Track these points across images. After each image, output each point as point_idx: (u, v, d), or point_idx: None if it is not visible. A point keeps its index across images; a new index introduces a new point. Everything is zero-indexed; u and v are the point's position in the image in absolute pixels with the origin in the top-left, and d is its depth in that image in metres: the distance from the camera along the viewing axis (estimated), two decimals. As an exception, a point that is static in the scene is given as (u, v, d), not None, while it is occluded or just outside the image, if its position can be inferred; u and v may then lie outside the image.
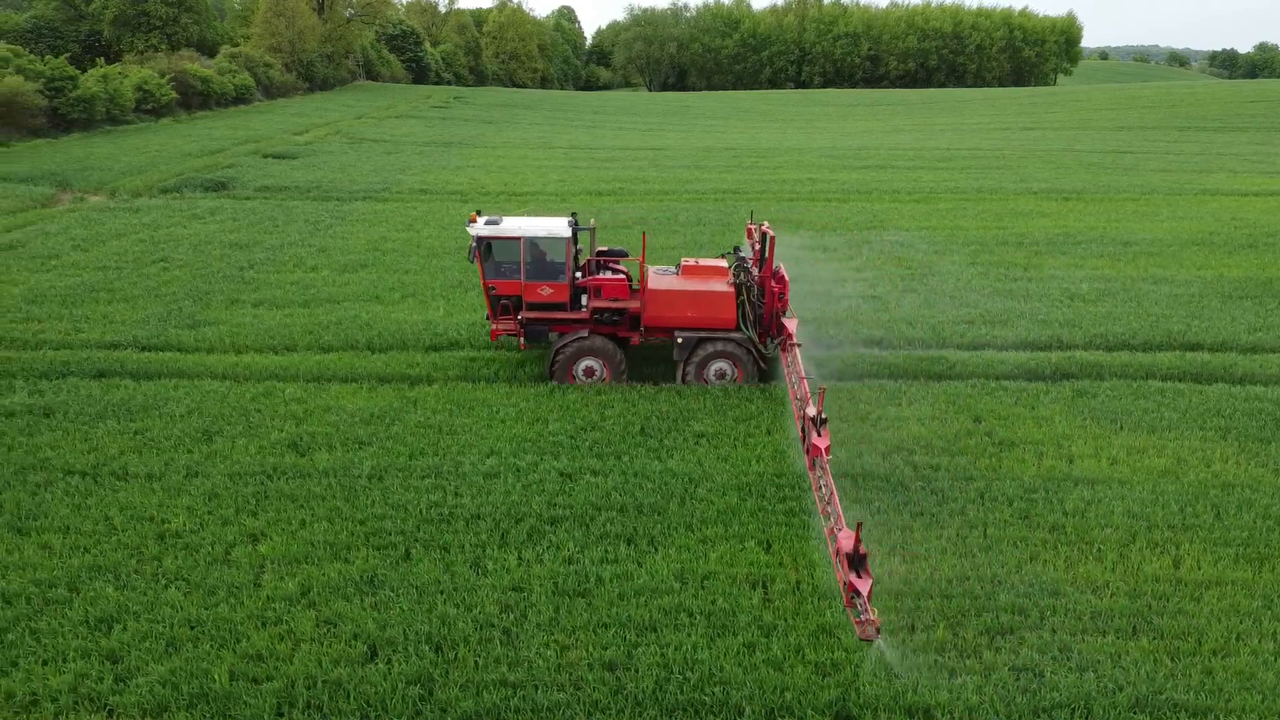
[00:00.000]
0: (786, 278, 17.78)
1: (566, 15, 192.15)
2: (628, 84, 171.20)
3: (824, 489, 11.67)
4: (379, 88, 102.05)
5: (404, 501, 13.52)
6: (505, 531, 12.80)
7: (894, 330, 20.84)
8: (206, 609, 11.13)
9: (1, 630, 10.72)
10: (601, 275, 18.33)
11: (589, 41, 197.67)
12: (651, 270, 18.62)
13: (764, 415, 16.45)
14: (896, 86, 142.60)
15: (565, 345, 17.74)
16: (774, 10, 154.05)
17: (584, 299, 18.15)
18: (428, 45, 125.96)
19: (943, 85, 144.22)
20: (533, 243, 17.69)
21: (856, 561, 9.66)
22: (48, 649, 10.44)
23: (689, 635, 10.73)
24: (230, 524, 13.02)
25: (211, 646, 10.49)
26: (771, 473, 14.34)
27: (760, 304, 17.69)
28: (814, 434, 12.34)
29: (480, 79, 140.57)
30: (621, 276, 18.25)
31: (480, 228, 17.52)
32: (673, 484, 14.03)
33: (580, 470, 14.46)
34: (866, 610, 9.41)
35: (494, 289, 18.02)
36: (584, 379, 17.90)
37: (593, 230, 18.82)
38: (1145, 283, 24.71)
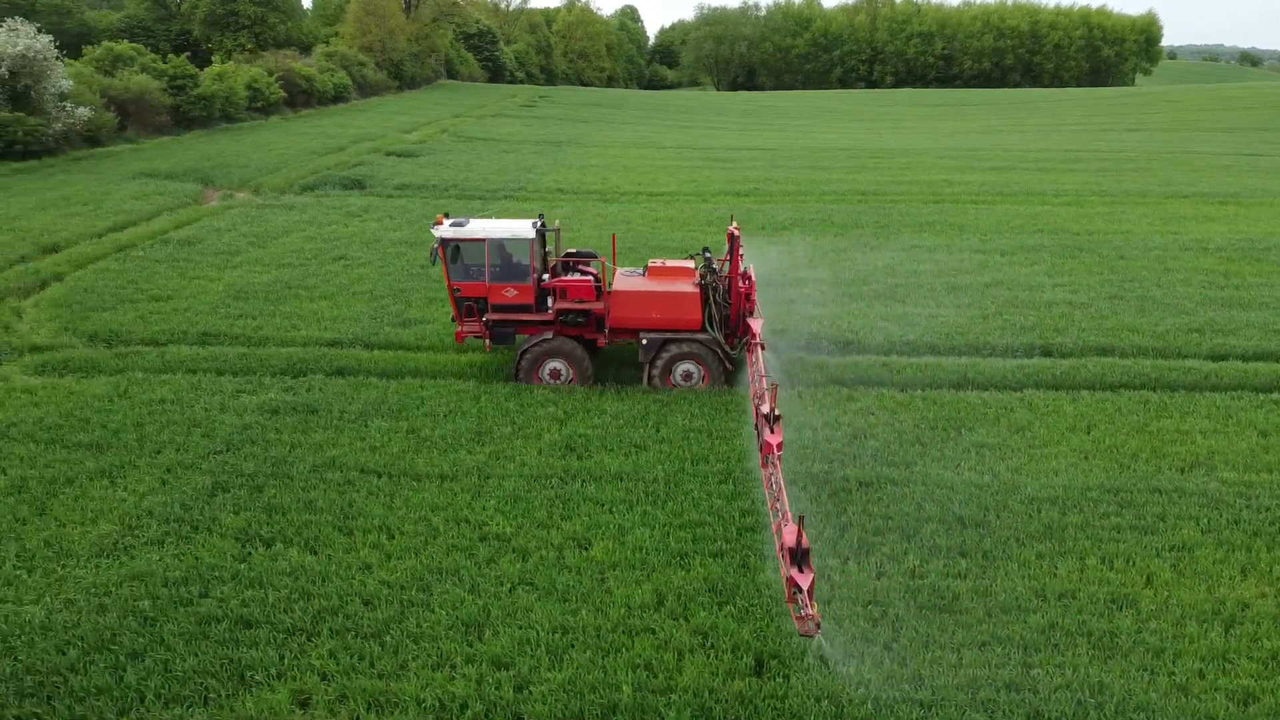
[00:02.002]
0: (754, 278, 17.76)
1: (630, 14, 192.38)
2: (695, 83, 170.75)
3: (774, 485, 11.56)
4: (462, 86, 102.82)
5: (715, 508, 13.30)
6: (832, 541, 12.52)
7: (1120, 338, 20.21)
8: (569, 615, 11.00)
9: (378, 632, 10.68)
10: (569, 277, 18.20)
11: (651, 41, 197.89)
12: (618, 272, 18.63)
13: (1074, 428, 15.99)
14: (970, 86, 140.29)
15: (530, 347, 17.72)
16: (845, 9, 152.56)
17: (550, 300, 18.05)
18: (503, 45, 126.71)
19: (1018, 85, 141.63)
20: (498, 245, 17.70)
21: (799, 556, 9.53)
22: (430, 653, 10.37)
23: (1072, 655, 10.35)
24: (547, 527, 12.91)
25: (594, 654, 10.33)
26: (1096, 485, 13.90)
27: (727, 305, 17.65)
28: (766, 431, 12.27)
29: (551, 78, 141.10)
30: (588, 278, 18.11)
31: (446, 230, 17.56)
32: (982, 496, 13.65)
33: (879, 480, 14.14)
34: (807, 606, 9.30)
35: (459, 290, 18.05)
36: (550, 381, 17.82)
37: (558, 232, 18.78)
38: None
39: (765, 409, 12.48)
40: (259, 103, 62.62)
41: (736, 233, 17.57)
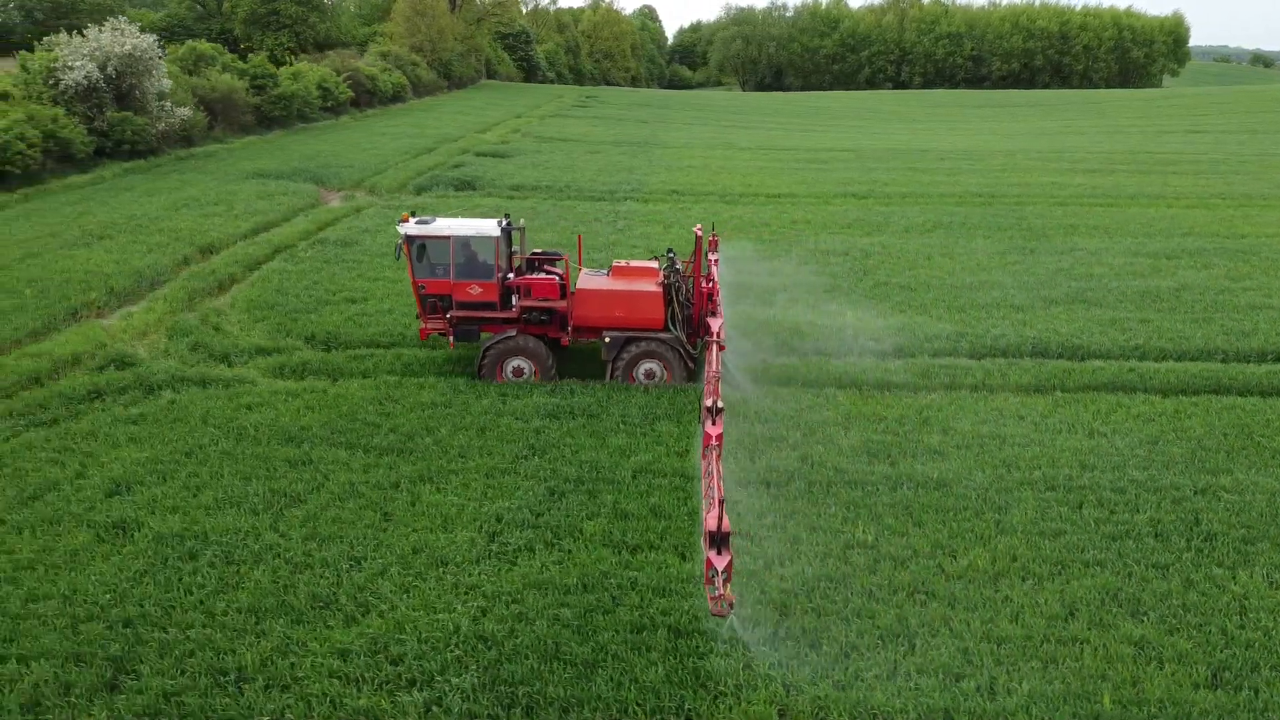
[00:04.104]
0: (717, 279, 17.95)
1: (649, 14, 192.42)
2: (718, 84, 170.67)
3: (709, 474, 11.67)
4: (505, 86, 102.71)
5: (1064, 516, 13.21)
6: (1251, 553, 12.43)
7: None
8: (987, 624, 10.91)
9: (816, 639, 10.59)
10: (533, 275, 18.30)
11: (669, 40, 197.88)
12: (583, 271, 18.83)
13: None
14: (999, 87, 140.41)
15: (493, 345, 17.85)
16: (873, 10, 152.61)
17: (514, 299, 18.16)
18: (537, 45, 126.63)
19: (1047, 86, 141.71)
20: (463, 243, 17.77)
21: (719, 539, 9.73)
22: (872, 663, 10.28)
23: None
24: (903, 534, 12.82)
25: (1041, 664, 10.25)
26: None
27: (690, 305, 17.81)
28: (708, 422, 12.43)
29: (579, 78, 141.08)
30: (553, 277, 18.21)
31: (411, 227, 17.69)
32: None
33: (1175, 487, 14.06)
34: (722, 587, 9.55)
35: (423, 288, 18.14)
36: (512, 378, 17.94)
37: (523, 230, 18.94)
38: None
39: (709, 402, 12.69)
40: (329, 103, 62.47)
41: (701, 234, 17.76)
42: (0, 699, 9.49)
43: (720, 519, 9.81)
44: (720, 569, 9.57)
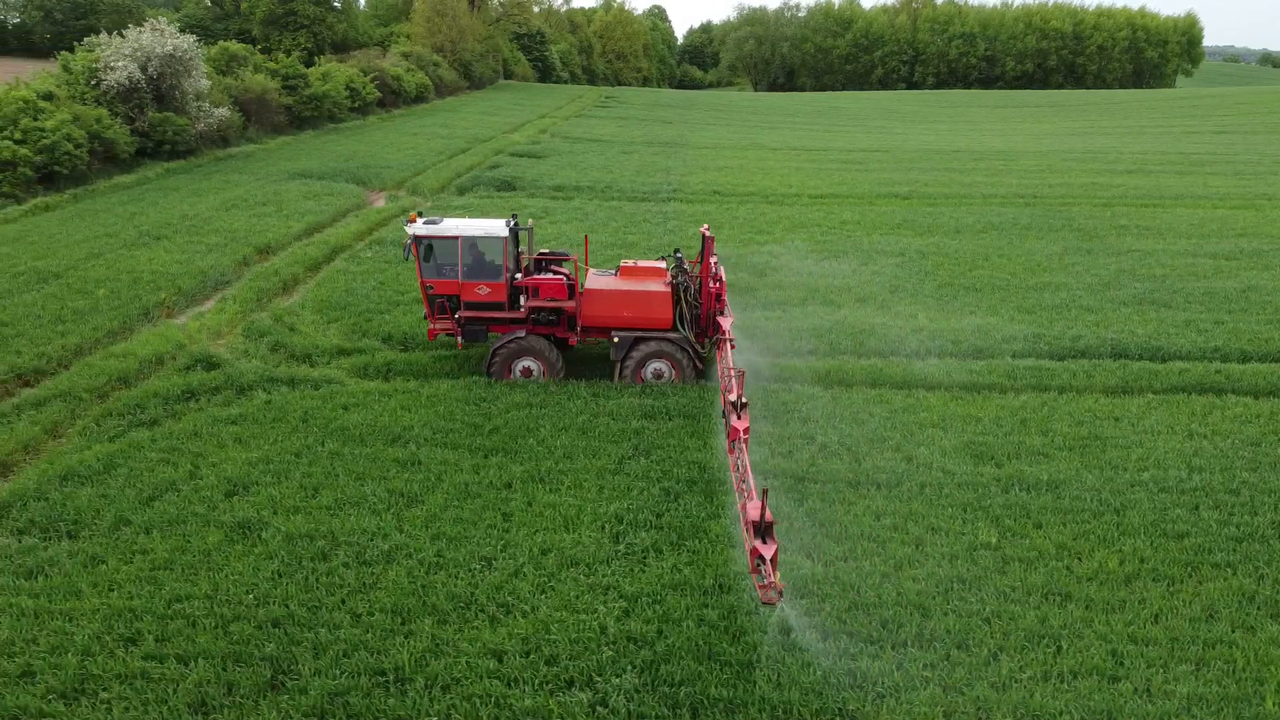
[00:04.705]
0: (724, 278, 18.04)
1: (658, 15, 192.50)
2: (730, 84, 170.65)
3: (739, 467, 11.97)
4: (523, 86, 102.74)
5: (1183, 518, 13.22)
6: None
7: None
8: (1129, 626, 10.91)
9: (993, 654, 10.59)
10: (541, 276, 18.33)
11: (679, 41, 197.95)
12: (590, 271, 18.79)
13: None
14: (1012, 87, 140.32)
15: (502, 345, 17.87)
16: (885, 10, 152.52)
17: (522, 299, 18.16)
18: (552, 46, 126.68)
19: (1060, 86, 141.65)
20: (470, 243, 17.74)
21: (763, 529, 10.02)
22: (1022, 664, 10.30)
23: None
24: (1024, 536, 12.82)
25: (1190, 666, 10.26)
26: None
27: (698, 304, 17.86)
28: (733, 417, 12.64)
29: (592, 78, 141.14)
30: (560, 277, 18.22)
31: (419, 228, 17.67)
32: None
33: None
34: (770, 575, 9.74)
35: (431, 288, 18.13)
36: (521, 378, 17.95)
37: (530, 231, 18.91)
38: None
39: (733, 397, 12.95)
40: (356, 103, 62.50)
41: (708, 234, 17.80)
42: (166, 698, 9.52)
43: (763, 509, 10.05)
44: (768, 557, 9.79)
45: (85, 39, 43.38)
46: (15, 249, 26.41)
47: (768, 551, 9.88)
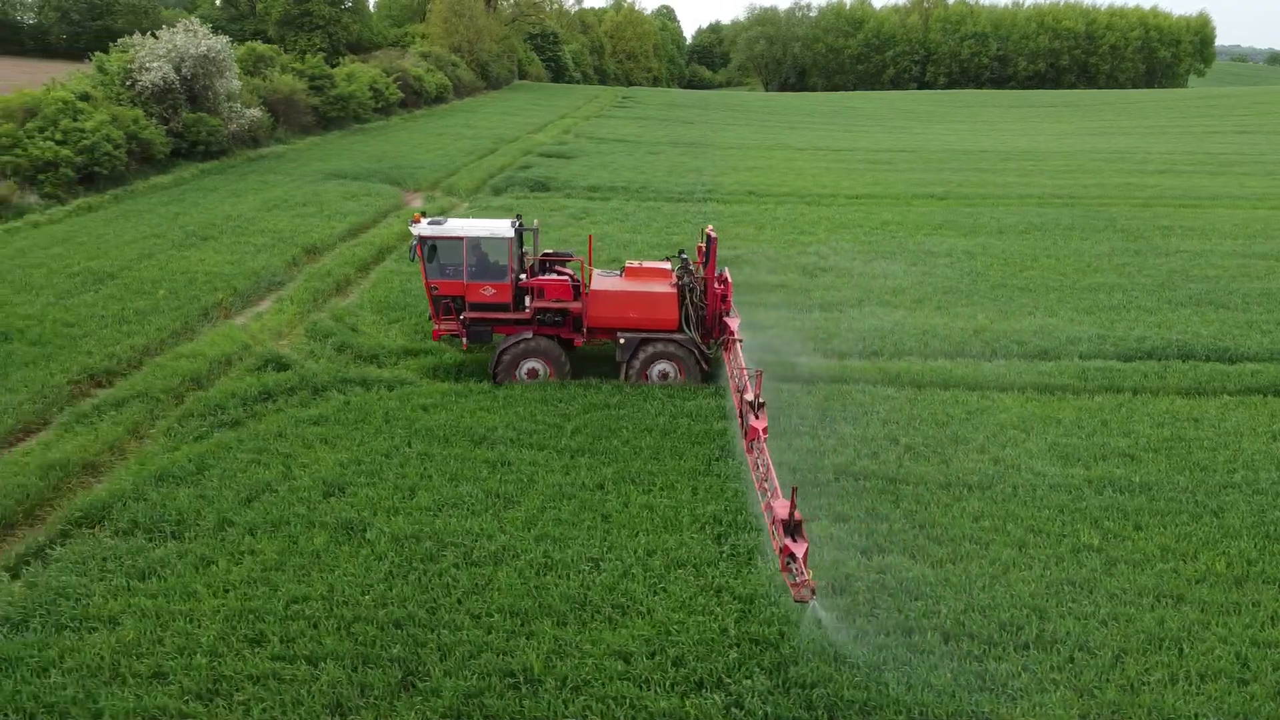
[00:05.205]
0: (730, 279, 17.99)
1: (667, 14, 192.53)
2: (740, 84, 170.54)
3: (760, 466, 12.08)
4: (538, 87, 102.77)
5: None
6: None
7: None
8: (1249, 629, 10.89)
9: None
10: (546, 276, 18.26)
11: (687, 41, 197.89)
12: (595, 272, 18.69)
13: None
14: (1025, 87, 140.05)
15: (509, 346, 17.76)
16: (897, 10, 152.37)
17: (527, 300, 18.09)
18: (564, 46, 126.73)
19: (1073, 86, 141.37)
20: (475, 244, 17.66)
21: (792, 527, 10.13)
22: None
23: None
24: (1125, 538, 12.79)
25: (1317, 668, 10.26)
26: None
27: (703, 305, 17.81)
28: (752, 416, 12.64)
29: (603, 78, 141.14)
30: (565, 278, 18.15)
31: (424, 228, 17.62)
32: None
33: None
34: (802, 573, 9.80)
35: (436, 289, 18.05)
36: (527, 380, 17.86)
37: (536, 232, 18.80)
38: None
39: (750, 396, 12.94)
40: (379, 103, 62.56)
41: (713, 235, 17.74)
42: (301, 699, 9.53)
43: (792, 507, 10.18)
44: (799, 555, 9.90)
45: (119, 39, 43.41)
46: (67, 249, 26.46)
47: (799, 550, 9.92)
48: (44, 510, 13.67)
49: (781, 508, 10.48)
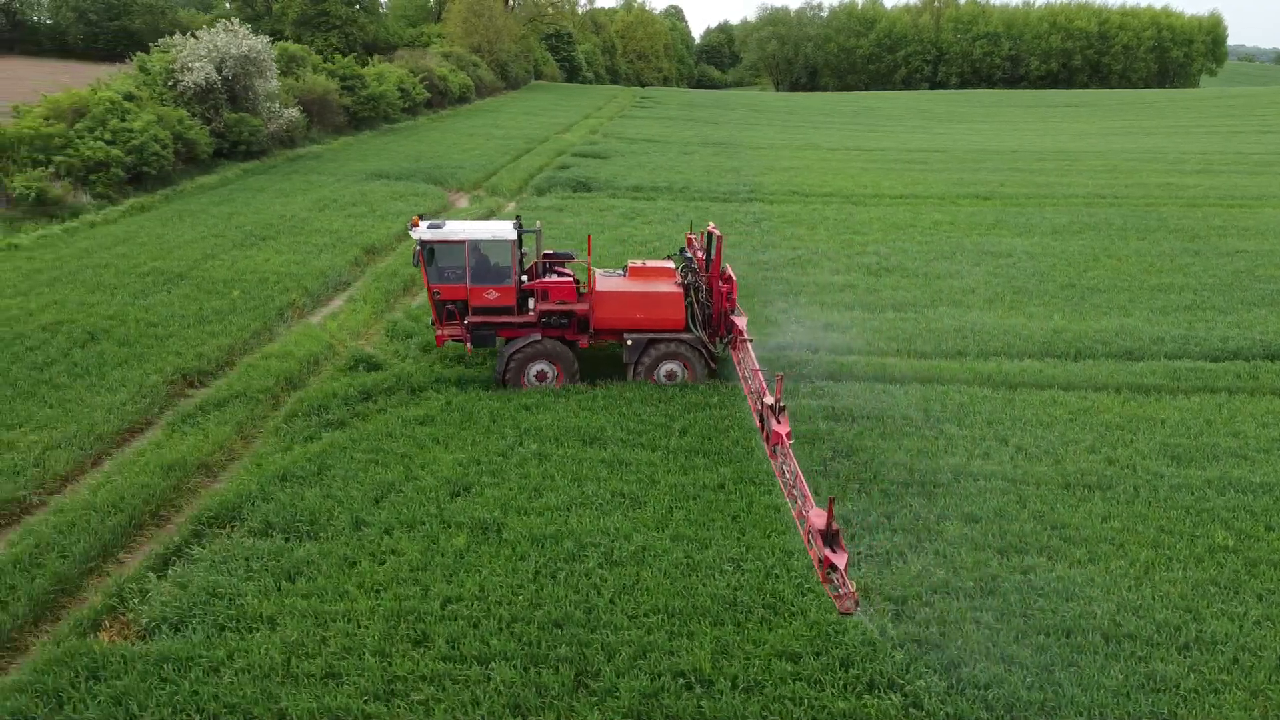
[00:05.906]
0: (734, 277, 17.86)
1: (676, 14, 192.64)
2: (751, 83, 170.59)
3: (788, 474, 11.76)
4: (555, 87, 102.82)
5: None
6: None
7: None
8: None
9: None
10: (548, 278, 18.15)
11: (696, 41, 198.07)
12: (598, 273, 18.53)
13: None
14: (1037, 87, 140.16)
15: (517, 350, 17.50)
16: (909, 10, 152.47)
17: (530, 302, 17.96)
18: (578, 46, 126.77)
19: (1085, 85, 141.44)
20: (476, 246, 17.46)
21: (830, 538, 9.91)
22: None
23: None
24: (1259, 538, 12.77)
25: None
26: None
27: (709, 304, 17.71)
28: (773, 421, 12.35)
29: (615, 78, 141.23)
30: (568, 279, 18.05)
31: (423, 232, 17.29)
32: None
33: None
34: (844, 584, 9.63)
35: (438, 293, 17.80)
36: (535, 383, 17.68)
37: (538, 234, 18.66)
38: None
39: (770, 400, 12.71)
40: (406, 103, 62.58)
41: (717, 233, 17.62)
42: (479, 700, 9.52)
43: (830, 518, 9.97)
44: (840, 566, 9.71)
45: (159, 40, 43.42)
46: (130, 249, 26.47)
47: (840, 561, 9.74)
48: (167, 511, 13.69)
49: (818, 517, 10.26)
